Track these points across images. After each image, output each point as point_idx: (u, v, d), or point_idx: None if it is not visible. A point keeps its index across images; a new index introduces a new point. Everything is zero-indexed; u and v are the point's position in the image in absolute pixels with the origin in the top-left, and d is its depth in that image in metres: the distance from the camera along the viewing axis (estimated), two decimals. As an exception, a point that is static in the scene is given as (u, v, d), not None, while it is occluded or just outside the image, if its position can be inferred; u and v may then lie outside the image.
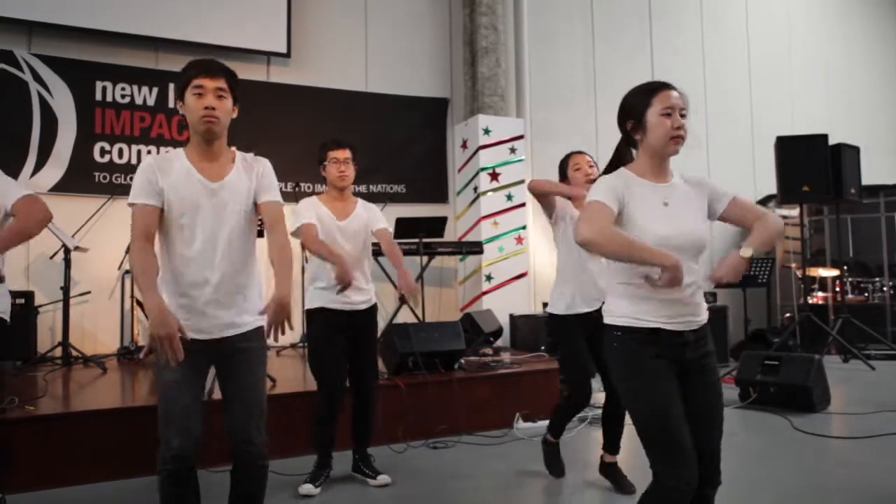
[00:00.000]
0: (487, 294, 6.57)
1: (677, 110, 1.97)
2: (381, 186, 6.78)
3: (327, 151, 3.33)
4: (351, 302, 3.24)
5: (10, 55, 5.59)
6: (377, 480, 3.32)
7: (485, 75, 6.91)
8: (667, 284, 1.82)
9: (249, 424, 2.11)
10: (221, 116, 2.08)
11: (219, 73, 2.10)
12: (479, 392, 4.35)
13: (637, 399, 1.94)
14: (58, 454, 3.28)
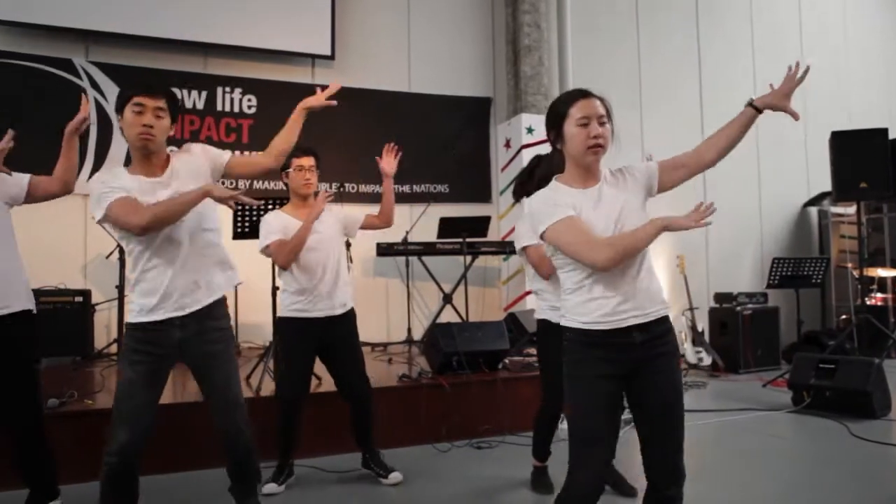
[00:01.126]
0: (531, 294, 6.51)
1: (594, 119, 1.95)
2: (424, 186, 6.81)
3: (291, 158, 3.26)
4: (325, 308, 3.18)
5: (69, 63, 5.81)
6: (389, 479, 3.31)
7: (527, 74, 6.87)
8: (694, 225, 1.85)
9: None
10: (158, 135, 2.24)
11: (160, 93, 2.25)
12: (523, 392, 4.32)
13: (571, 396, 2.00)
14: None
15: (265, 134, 6.50)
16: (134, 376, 2.18)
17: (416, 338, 6.22)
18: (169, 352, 2.28)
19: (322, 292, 3.18)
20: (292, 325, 3.20)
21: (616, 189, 2.02)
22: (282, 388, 3.33)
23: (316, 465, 3.53)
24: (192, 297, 2.30)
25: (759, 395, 5.28)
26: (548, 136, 2.08)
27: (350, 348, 3.30)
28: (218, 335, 2.35)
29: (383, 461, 3.39)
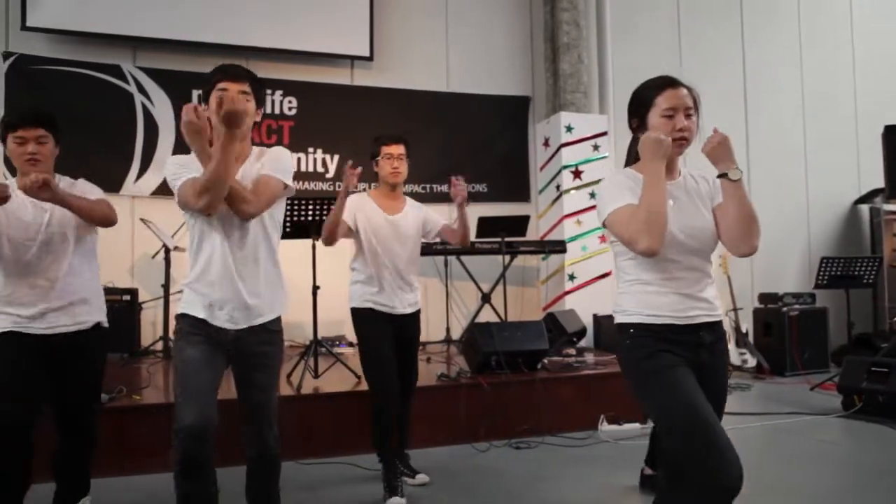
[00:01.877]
0: (570, 294, 6.46)
1: (681, 111, 1.90)
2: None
3: (381, 146, 3.24)
4: (395, 306, 3.16)
5: (118, 69, 5.98)
6: (415, 480, 3.29)
7: (566, 72, 6.80)
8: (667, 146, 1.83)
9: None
10: (247, 120, 2.14)
11: (243, 76, 2.18)
12: (562, 393, 4.29)
13: (656, 399, 1.87)
14: (160, 441, 3.47)
15: (306, 135, 6.67)
16: (197, 354, 2.09)
17: (454, 337, 6.22)
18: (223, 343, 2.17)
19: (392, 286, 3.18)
20: (365, 315, 3.18)
21: (695, 191, 1.98)
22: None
23: (352, 462, 3.56)
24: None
25: (807, 399, 5.13)
26: (630, 124, 2.03)
27: (413, 346, 3.32)
28: (271, 336, 2.26)
29: (410, 464, 3.39)
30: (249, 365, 2.20)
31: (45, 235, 2.55)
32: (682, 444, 1.79)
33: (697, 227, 1.92)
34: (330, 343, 5.25)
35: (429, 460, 3.52)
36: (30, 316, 2.52)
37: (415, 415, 3.47)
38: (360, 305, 3.19)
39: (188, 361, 2.08)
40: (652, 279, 1.91)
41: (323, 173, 6.45)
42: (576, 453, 3.81)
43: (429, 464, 3.46)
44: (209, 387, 2.07)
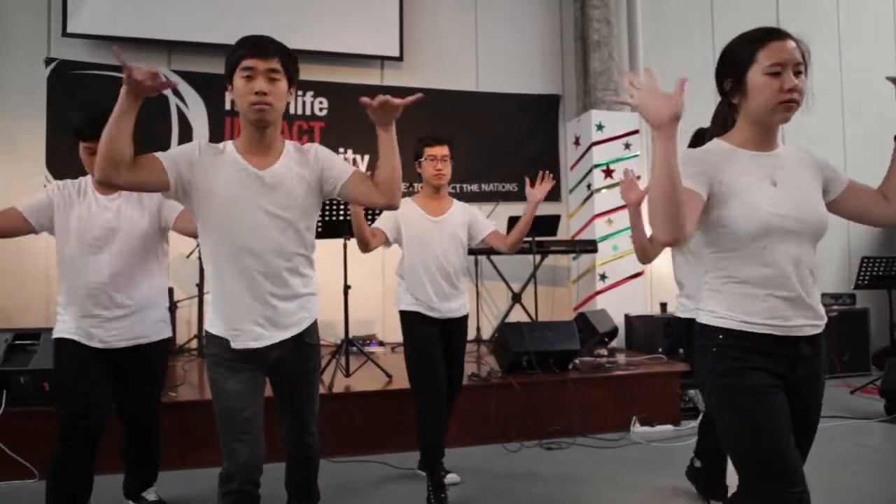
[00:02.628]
0: (602, 293, 6.40)
1: (790, 66, 1.56)
2: (493, 185, 6.78)
3: (424, 148, 3.20)
4: (441, 310, 3.10)
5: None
6: (446, 479, 3.26)
7: (597, 70, 6.74)
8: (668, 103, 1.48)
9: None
10: (274, 102, 1.87)
11: (272, 51, 1.86)
12: (594, 393, 4.25)
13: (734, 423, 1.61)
14: (195, 437, 3.53)
15: (336, 135, 6.71)
16: (240, 386, 1.90)
17: (484, 337, 6.21)
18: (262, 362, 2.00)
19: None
20: (413, 319, 3.14)
21: (801, 166, 1.66)
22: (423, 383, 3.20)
23: (383, 460, 3.57)
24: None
25: (848, 403, 5.00)
26: (719, 86, 1.71)
27: (460, 351, 3.27)
28: (310, 351, 2.11)
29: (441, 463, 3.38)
30: (290, 381, 2.06)
31: (111, 239, 2.51)
32: (751, 478, 1.57)
33: (806, 210, 1.61)
34: (361, 342, 5.28)
35: (459, 460, 3.52)
36: (90, 324, 2.50)
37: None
38: (407, 308, 3.13)
39: (230, 396, 1.90)
40: (752, 278, 1.60)
41: (353, 173, 6.48)
42: (608, 455, 3.77)
43: (459, 463, 3.46)
44: (256, 419, 1.92)
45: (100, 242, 2.51)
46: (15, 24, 5.85)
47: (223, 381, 1.91)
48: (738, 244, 1.60)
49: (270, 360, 1.96)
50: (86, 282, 2.49)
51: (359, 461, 3.61)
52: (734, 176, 1.61)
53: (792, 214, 1.59)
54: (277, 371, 2.01)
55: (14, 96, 5.76)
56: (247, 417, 1.89)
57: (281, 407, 2.10)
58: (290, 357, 1.99)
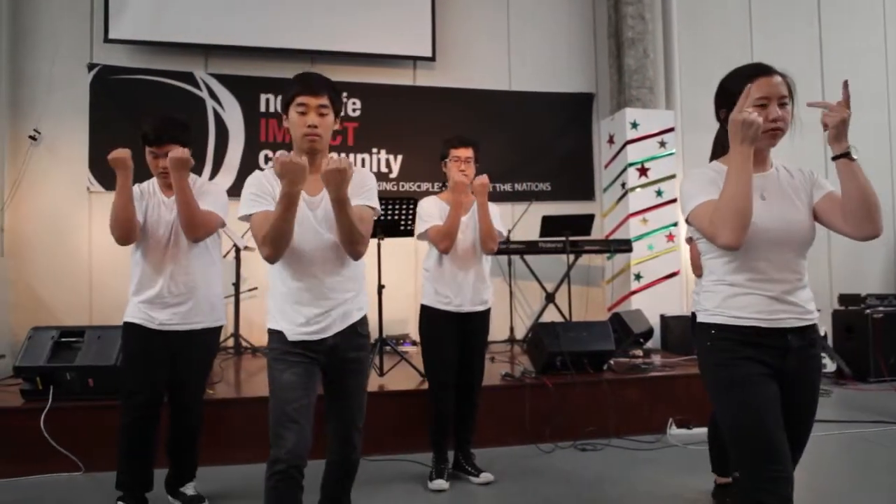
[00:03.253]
0: (636, 293, 6.33)
1: (775, 100, 1.81)
2: (525, 185, 6.76)
3: (450, 149, 3.29)
4: (464, 304, 3.24)
5: (191, 76, 6.22)
6: (480, 478, 3.30)
7: (631, 67, 6.66)
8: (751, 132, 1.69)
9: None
10: (323, 134, 2.13)
11: (322, 90, 2.14)
12: (629, 394, 4.20)
13: (728, 407, 1.82)
14: (232, 434, 3.59)
15: (369, 136, 6.77)
16: (294, 378, 2.07)
17: (518, 337, 6.18)
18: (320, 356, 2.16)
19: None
20: (433, 313, 3.28)
21: (789, 184, 1.88)
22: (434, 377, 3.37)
23: (415, 459, 3.58)
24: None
25: (894, 407, 4.85)
26: (717, 115, 1.96)
27: (480, 344, 3.38)
28: (363, 341, 2.27)
29: (475, 462, 3.40)
30: (342, 371, 2.20)
31: (173, 234, 2.83)
32: (742, 458, 1.78)
33: (791, 222, 1.82)
34: (394, 341, 5.31)
35: (493, 459, 3.51)
36: (154, 309, 2.81)
37: (479, 414, 3.46)
38: (429, 304, 3.28)
39: (285, 387, 2.06)
40: (739, 280, 1.82)
41: (387, 173, 6.52)
42: (643, 456, 3.72)
43: (493, 463, 3.45)
44: (306, 412, 2.05)
45: (164, 238, 2.83)
46: (59, 31, 6.02)
47: (279, 374, 2.09)
48: (729, 252, 1.80)
49: (326, 350, 2.14)
50: (151, 272, 2.82)
51: (392, 460, 3.63)
52: (716, 193, 1.80)
53: (777, 227, 1.80)
54: (331, 360, 2.16)
55: (58, 101, 5.93)
56: (297, 407, 2.03)
57: (330, 401, 2.23)
58: (343, 344, 2.17)
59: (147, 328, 2.82)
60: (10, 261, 5.76)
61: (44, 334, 3.64)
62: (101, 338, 3.55)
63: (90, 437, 3.45)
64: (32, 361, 3.53)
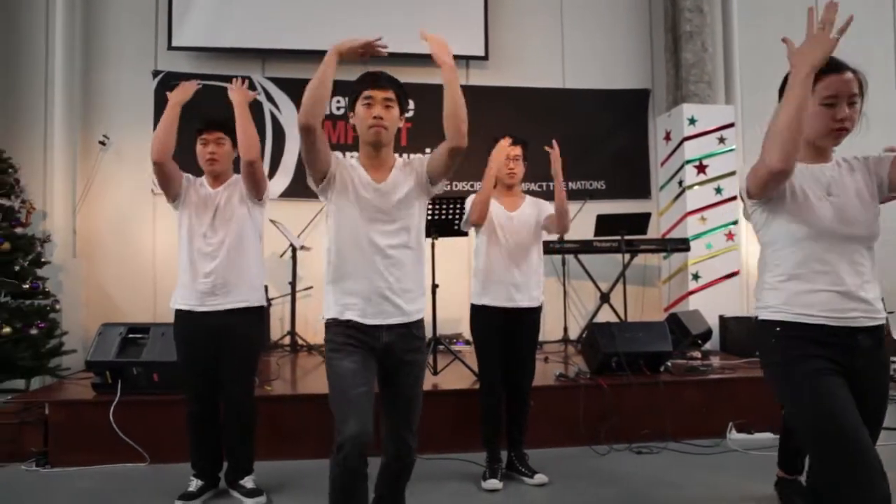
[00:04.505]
0: (694, 294, 6.17)
1: (844, 98, 1.75)
2: (580, 183, 6.67)
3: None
4: (515, 300, 3.23)
5: (249, 80, 6.35)
6: (534, 479, 3.26)
7: (689, 62, 6.49)
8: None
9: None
10: (389, 126, 2.18)
11: (388, 84, 2.21)
12: (687, 397, 4.09)
13: (802, 407, 1.73)
14: (289, 430, 3.67)
15: (423, 136, 6.81)
16: (352, 366, 2.08)
17: (572, 337, 6.12)
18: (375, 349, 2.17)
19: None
20: (483, 312, 3.29)
21: (852, 179, 1.82)
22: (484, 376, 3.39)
23: (468, 458, 3.58)
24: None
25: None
26: None
27: (529, 340, 3.36)
28: (419, 344, 2.26)
29: (528, 463, 3.37)
30: (397, 373, 2.20)
31: (216, 221, 2.99)
32: (825, 458, 1.68)
33: (856, 213, 1.77)
34: (448, 340, 5.33)
35: (547, 460, 3.47)
36: (197, 294, 2.97)
37: (533, 414, 3.44)
38: (479, 302, 3.29)
39: (344, 375, 2.07)
40: (803, 273, 1.77)
41: (440, 173, 6.54)
42: (702, 461, 3.62)
43: (547, 464, 3.42)
44: (367, 399, 2.05)
45: (206, 226, 2.99)
46: (126, 42, 6.29)
47: (338, 362, 2.11)
48: (795, 245, 1.77)
49: (381, 345, 2.14)
50: (195, 258, 2.98)
51: (446, 459, 3.64)
52: (795, 184, 1.79)
53: (843, 220, 1.75)
54: (386, 360, 2.17)
55: (125, 107, 6.19)
56: (358, 393, 2.04)
57: (385, 403, 2.24)
58: (399, 345, 2.17)
59: (192, 313, 2.97)
60: (81, 261, 6.04)
61: (112, 331, 3.81)
62: (164, 334, 3.67)
63: (155, 429, 3.59)
64: (102, 356, 3.69)
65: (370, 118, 2.16)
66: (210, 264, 2.96)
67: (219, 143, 3.08)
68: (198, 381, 3.03)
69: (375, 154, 2.23)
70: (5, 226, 4.71)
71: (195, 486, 3.06)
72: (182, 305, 3.01)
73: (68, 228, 5.99)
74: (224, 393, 3.05)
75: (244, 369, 3.09)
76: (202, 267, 2.97)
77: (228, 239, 2.99)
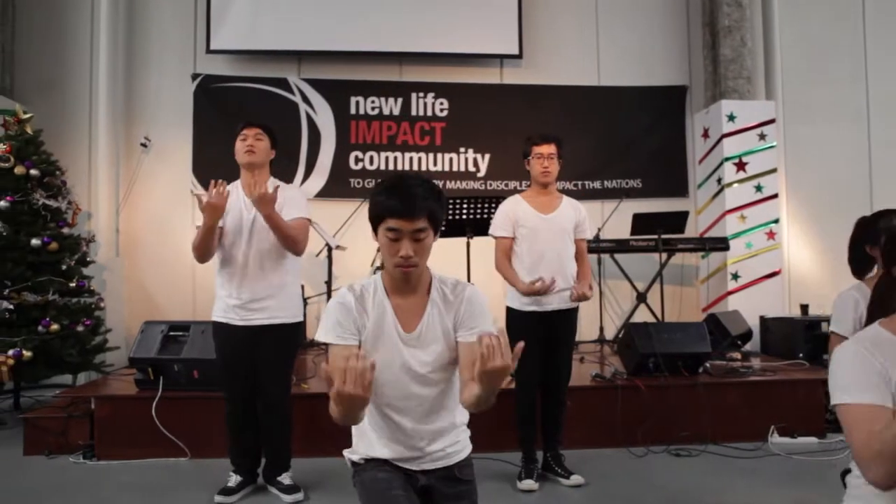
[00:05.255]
0: (733, 294, 6.04)
1: None
2: (615, 182, 6.59)
3: (532, 146, 3.31)
4: (552, 302, 3.22)
5: (285, 82, 6.46)
6: (570, 480, 3.24)
7: (728, 57, 6.36)
8: None
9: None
10: (420, 262, 1.69)
11: (419, 211, 1.64)
12: (727, 399, 4.02)
13: None
14: (324, 427, 3.70)
15: (457, 135, 6.80)
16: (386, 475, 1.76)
17: (608, 337, 6.05)
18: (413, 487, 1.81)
19: None
20: (517, 315, 3.30)
21: None
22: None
23: (506, 458, 3.57)
24: None
25: None
26: (886, 264, 1.61)
27: (564, 343, 3.36)
28: (467, 489, 1.86)
29: (565, 464, 3.35)
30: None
31: (250, 234, 3.01)
32: None
33: None
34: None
35: (583, 461, 3.45)
36: (233, 308, 3.04)
37: (569, 415, 3.42)
38: (513, 305, 3.29)
39: (378, 481, 1.74)
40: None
41: (474, 172, 6.54)
42: (743, 465, 3.56)
43: (584, 465, 3.39)
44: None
45: (243, 238, 3.02)
46: (166, 46, 6.42)
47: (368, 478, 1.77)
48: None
49: (419, 489, 1.78)
50: (232, 270, 3.03)
51: (482, 458, 3.61)
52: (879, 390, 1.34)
53: None
54: (428, 500, 1.81)
55: (165, 109, 6.31)
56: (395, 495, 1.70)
57: None
58: (440, 488, 1.80)
59: (229, 325, 3.04)
60: (124, 260, 6.19)
61: (154, 328, 3.90)
62: (204, 332, 3.73)
63: (196, 425, 3.67)
64: (145, 353, 3.78)
65: (396, 256, 1.66)
66: (244, 280, 3.00)
67: (257, 138, 3.12)
68: (235, 384, 3.11)
69: (405, 283, 1.73)
70: (53, 226, 4.84)
71: (234, 481, 3.12)
72: (220, 318, 3.09)
73: (111, 228, 6.14)
74: (261, 392, 3.11)
75: (281, 370, 3.14)
76: (236, 282, 3.02)
77: (263, 255, 3.01)
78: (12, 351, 4.27)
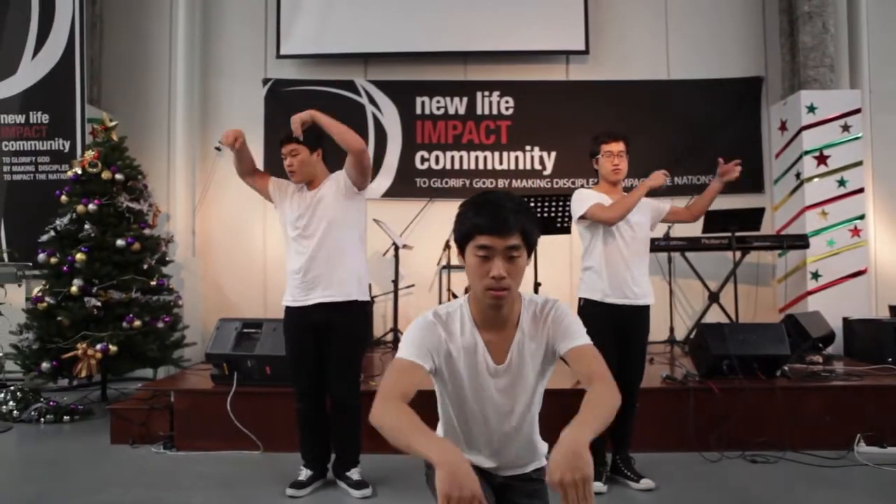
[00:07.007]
0: (814, 294, 5.76)
1: None
2: (687, 178, 6.39)
3: (601, 144, 3.27)
4: (626, 297, 3.17)
5: (352, 84, 6.58)
6: (640, 484, 3.16)
7: (807, 45, 6.06)
8: None
9: None
10: (513, 285, 1.57)
11: (511, 227, 1.52)
12: (807, 405, 3.83)
13: None
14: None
15: (522, 133, 6.75)
16: None
17: (678, 338, 5.88)
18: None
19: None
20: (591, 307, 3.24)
21: None
22: None
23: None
24: None
25: None
26: None
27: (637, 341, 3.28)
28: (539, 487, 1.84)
29: (634, 467, 3.28)
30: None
31: (314, 223, 3.13)
32: None
33: None
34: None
35: (654, 465, 3.36)
36: (298, 290, 3.15)
37: (639, 417, 3.34)
38: (587, 296, 3.25)
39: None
40: None
41: (540, 171, 6.48)
42: (825, 474, 3.38)
43: (654, 469, 3.30)
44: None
45: (304, 226, 3.14)
46: (238, 53, 6.66)
47: None
48: None
49: (496, 485, 1.79)
50: (294, 255, 3.16)
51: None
52: None
53: None
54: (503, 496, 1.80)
55: (238, 113, 6.53)
56: None
57: None
58: (516, 485, 1.81)
59: (295, 307, 3.16)
60: (200, 259, 6.45)
61: (229, 325, 4.04)
62: (276, 329, 3.83)
63: (268, 419, 3.78)
64: (220, 349, 3.92)
65: (487, 277, 1.54)
66: (305, 260, 3.11)
67: (293, 154, 3.17)
68: (304, 381, 3.20)
69: (495, 314, 1.64)
70: (135, 227, 5.09)
71: (305, 475, 3.21)
72: (289, 302, 3.20)
73: (188, 229, 6.41)
74: (331, 389, 3.18)
75: (349, 367, 3.20)
76: (299, 263, 3.13)
77: (322, 234, 3.11)
78: (100, 345, 4.53)
